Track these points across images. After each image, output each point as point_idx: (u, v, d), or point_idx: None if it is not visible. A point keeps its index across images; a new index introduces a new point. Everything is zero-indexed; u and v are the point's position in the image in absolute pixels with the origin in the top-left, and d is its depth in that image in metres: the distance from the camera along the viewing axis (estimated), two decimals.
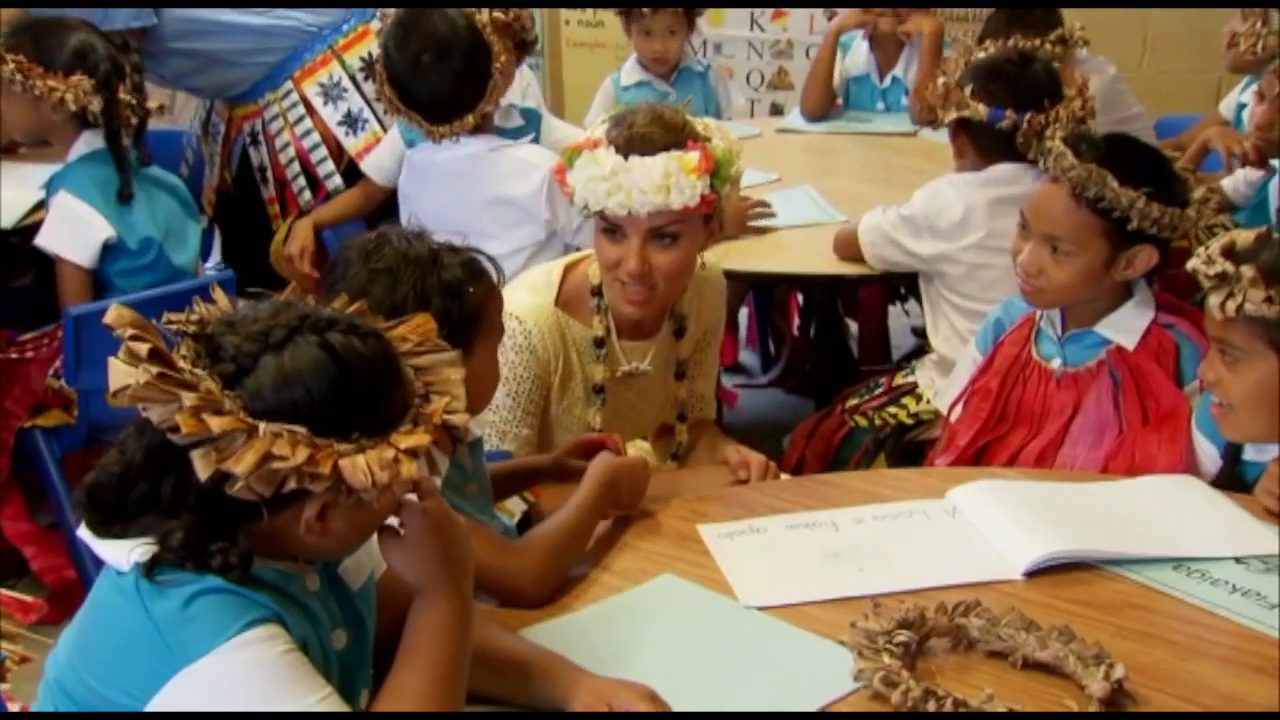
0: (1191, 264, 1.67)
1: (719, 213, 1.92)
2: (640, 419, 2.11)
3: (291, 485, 1.05)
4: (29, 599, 2.59)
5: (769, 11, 4.85)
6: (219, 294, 1.16)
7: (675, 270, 1.90)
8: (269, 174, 3.33)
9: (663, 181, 1.80)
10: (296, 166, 3.29)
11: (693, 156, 1.82)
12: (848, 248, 2.62)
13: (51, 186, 2.64)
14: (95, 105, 2.57)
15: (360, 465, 1.06)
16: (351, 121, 3.27)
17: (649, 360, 2.03)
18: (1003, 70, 2.48)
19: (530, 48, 3.04)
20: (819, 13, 4.37)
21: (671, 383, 2.09)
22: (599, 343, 1.98)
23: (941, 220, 2.44)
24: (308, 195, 3.29)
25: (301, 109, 3.27)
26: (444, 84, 2.58)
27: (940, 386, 2.46)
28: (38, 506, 2.82)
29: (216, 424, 1.04)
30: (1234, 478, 1.78)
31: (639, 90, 3.61)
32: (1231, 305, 1.60)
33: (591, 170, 1.83)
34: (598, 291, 1.97)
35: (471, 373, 1.54)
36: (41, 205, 2.72)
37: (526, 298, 1.96)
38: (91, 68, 2.58)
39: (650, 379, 2.06)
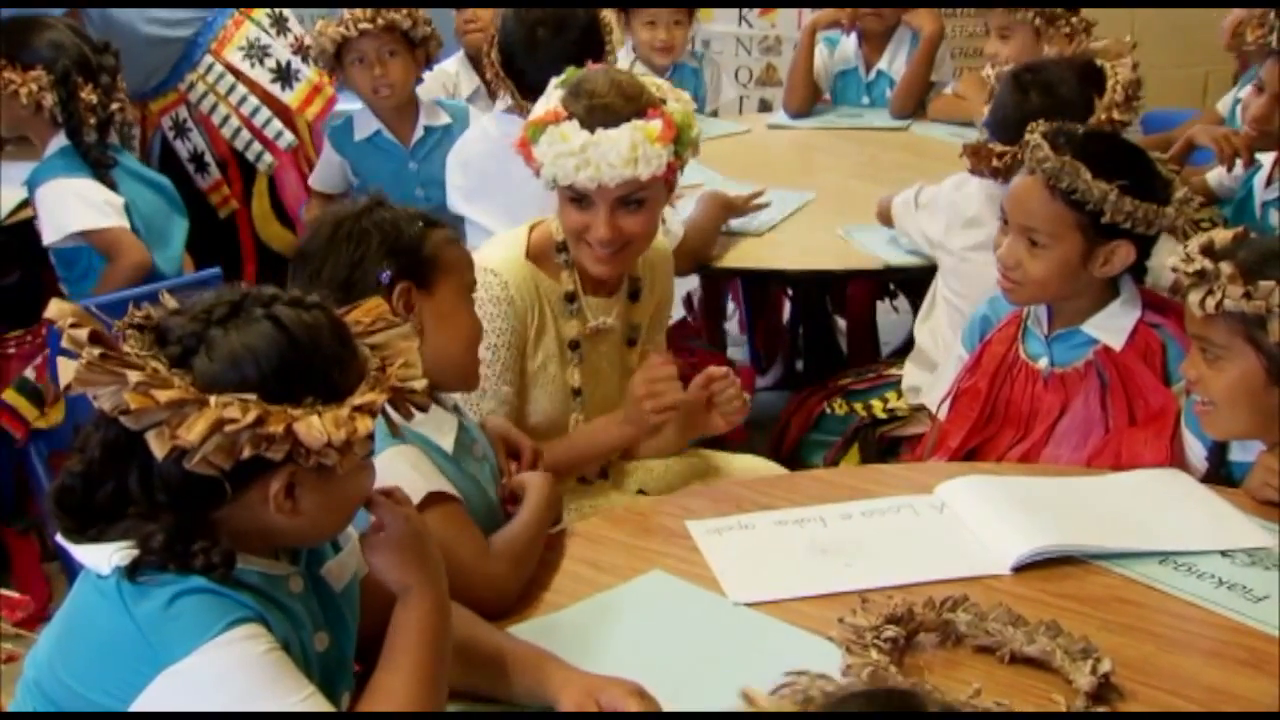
0: (1170, 262, 1.68)
1: (678, 173, 1.94)
2: (609, 386, 2.08)
3: (248, 451, 1.05)
4: (16, 596, 2.59)
5: (757, 7, 4.85)
6: (166, 297, 1.15)
7: (642, 232, 1.94)
8: (207, 158, 3.31)
9: (630, 154, 1.82)
10: (246, 135, 3.27)
11: (655, 125, 1.84)
12: (885, 219, 2.65)
13: (33, 184, 2.64)
14: (49, 100, 2.58)
15: (315, 425, 1.06)
16: (284, 75, 3.26)
17: (614, 316, 2.03)
18: (1002, 97, 2.34)
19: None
20: (808, 10, 4.37)
21: (626, 349, 2.09)
22: (570, 297, 1.99)
23: (956, 206, 2.44)
24: (267, 158, 3.27)
25: (230, 78, 3.25)
26: (553, 63, 2.55)
27: (915, 382, 2.47)
28: (23, 509, 2.81)
29: (164, 396, 1.03)
30: (1220, 479, 1.79)
31: None
32: (1211, 302, 1.61)
33: (559, 146, 1.84)
34: (563, 248, 1.98)
35: (435, 311, 1.57)
36: (26, 204, 2.72)
37: (499, 252, 1.98)
38: (51, 64, 2.58)
39: (614, 345, 2.06)
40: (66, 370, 1.05)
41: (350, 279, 1.52)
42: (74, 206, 2.60)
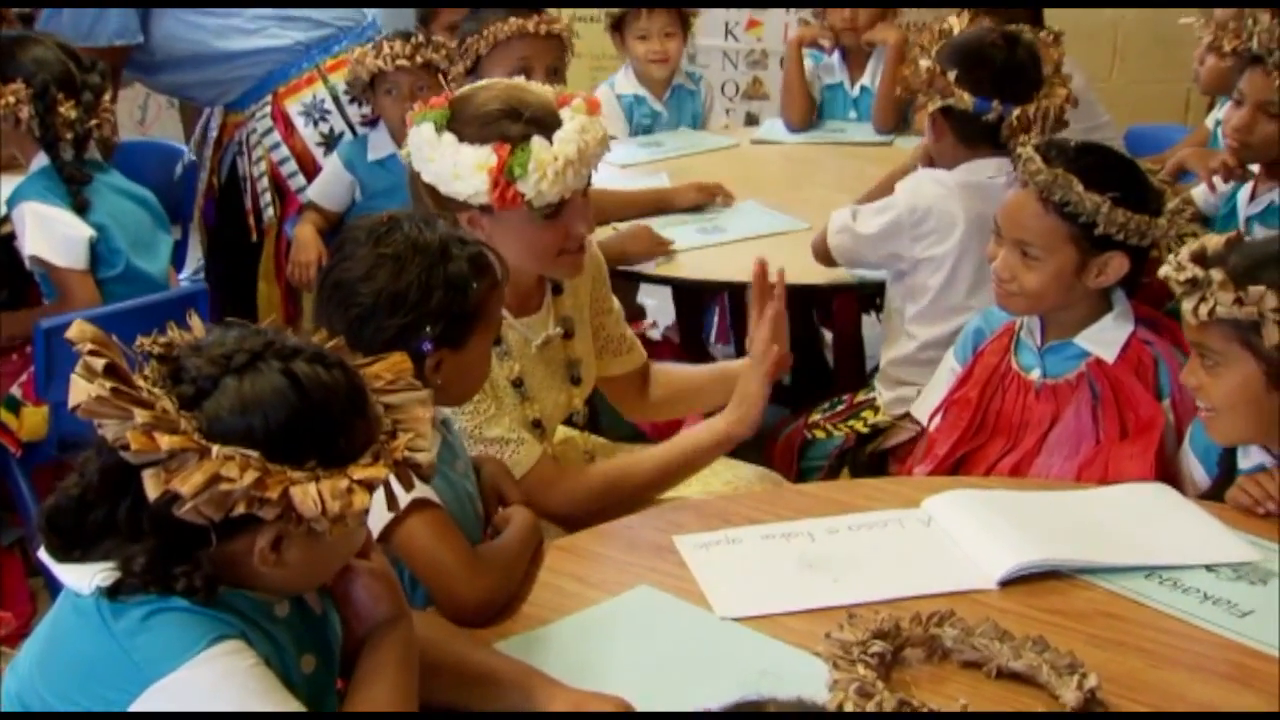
0: (1163, 271, 1.68)
1: None
2: (559, 392, 2.04)
3: (240, 509, 1.04)
4: None
5: (743, 21, 4.87)
6: (195, 320, 1.15)
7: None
8: (248, 185, 3.33)
9: (595, 134, 1.81)
10: (265, 181, 3.28)
11: (581, 103, 1.83)
12: (824, 257, 2.58)
13: (12, 202, 2.64)
14: (25, 114, 2.58)
15: (311, 494, 1.05)
16: (331, 143, 3.26)
17: (552, 324, 1.99)
18: (987, 55, 2.38)
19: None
20: (793, 22, 4.39)
21: (564, 343, 2.03)
22: (496, 341, 1.87)
23: (928, 218, 2.39)
24: (271, 212, 3.27)
25: (269, 122, 3.26)
26: None
27: (891, 396, 2.47)
28: (4, 522, 2.80)
29: (166, 442, 1.02)
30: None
31: (636, 105, 3.65)
32: (1204, 309, 1.61)
33: (551, 165, 1.77)
34: None
35: (460, 365, 1.57)
36: (7, 219, 2.71)
37: None
38: (30, 78, 2.59)
39: (555, 347, 2.01)
40: (77, 388, 1.04)
41: (395, 340, 1.46)
42: (34, 233, 2.60)
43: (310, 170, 3.26)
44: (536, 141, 1.78)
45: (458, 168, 1.79)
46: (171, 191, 3.35)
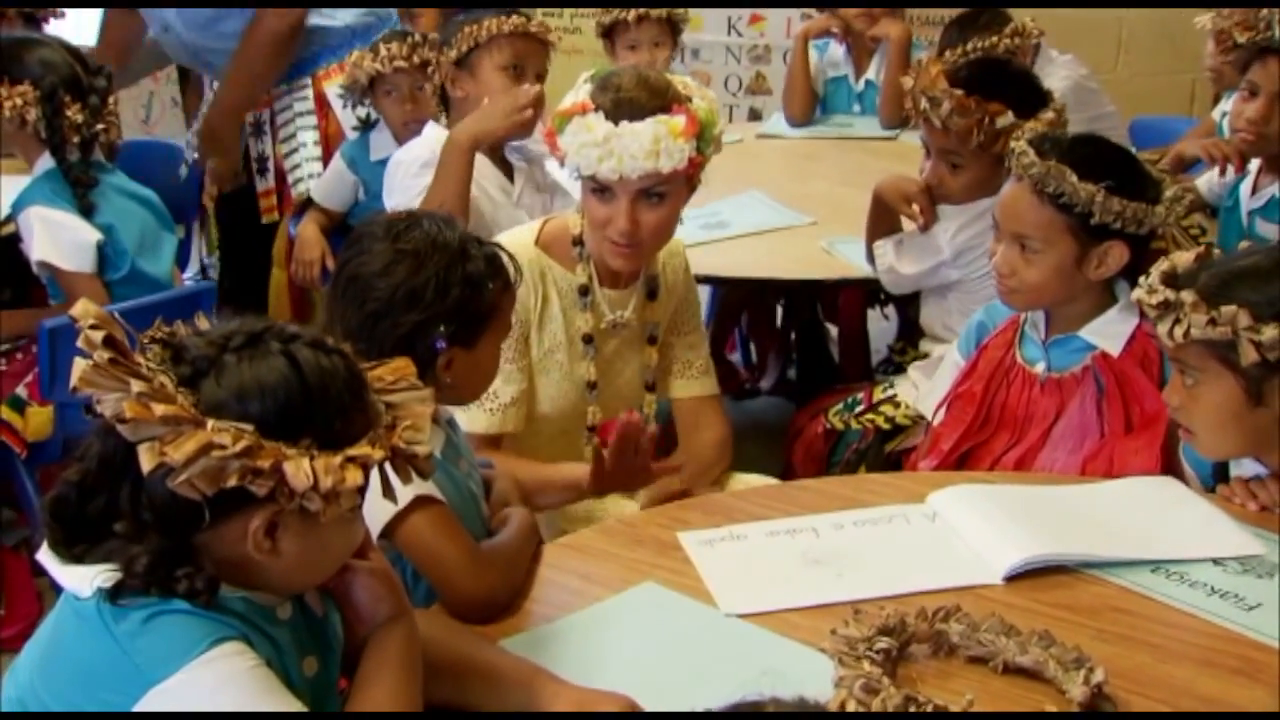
0: (1136, 294, 1.68)
1: (701, 170, 1.96)
2: (621, 381, 2.09)
3: (233, 481, 1.04)
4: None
5: (746, 16, 4.86)
6: (202, 321, 1.15)
7: (662, 227, 1.96)
8: (269, 164, 3.32)
9: (652, 147, 1.84)
10: (297, 157, 3.27)
11: (679, 121, 1.86)
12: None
13: (18, 206, 2.64)
14: (32, 115, 2.59)
15: (304, 467, 1.05)
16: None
17: (631, 310, 2.05)
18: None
19: None
20: (796, 17, 4.40)
21: (646, 346, 2.10)
22: (584, 290, 2.01)
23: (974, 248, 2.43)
24: (303, 186, 3.27)
25: (310, 104, 3.25)
26: None
27: (925, 390, 2.46)
28: (12, 523, 2.80)
29: (161, 410, 1.03)
30: None
31: None
32: (1179, 332, 1.60)
33: (584, 136, 1.87)
34: (579, 241, 2.01)
35: (470, 364, 1.59)
36: (10, 219, 2.72)
37: (506, 238, 1.97)
38: (38, 80, 2.59)
39: (629, 338, 2.07)
40: (78, 369, 1.05)
41: (409, 336, 1.50)
42: (42, 238, 2.60)
43: (329, 152, 3.26)
44: (596, 116, 1.86)
45: (566, 102, 1.93)
46: (175, 191, 3.35)
